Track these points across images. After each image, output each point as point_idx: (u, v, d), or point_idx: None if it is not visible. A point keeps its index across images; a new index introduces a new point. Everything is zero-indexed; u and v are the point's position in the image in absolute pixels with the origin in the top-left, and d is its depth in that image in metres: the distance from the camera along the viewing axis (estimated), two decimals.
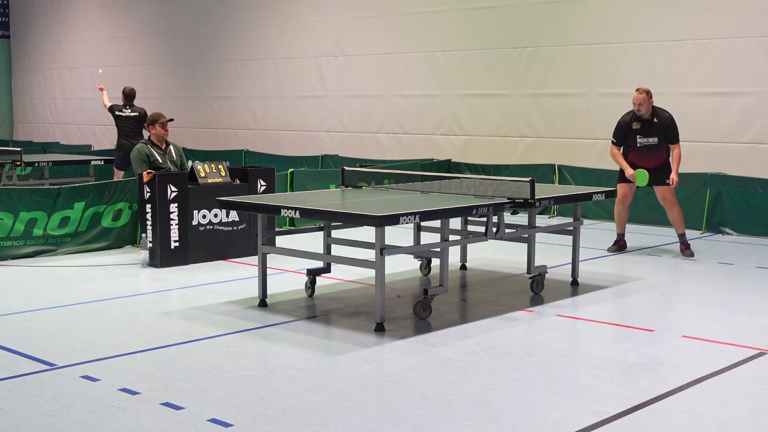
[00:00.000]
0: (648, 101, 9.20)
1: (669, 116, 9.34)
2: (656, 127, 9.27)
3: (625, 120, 9.39)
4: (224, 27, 18.20)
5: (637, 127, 9.29)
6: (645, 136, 9.28)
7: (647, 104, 9.20)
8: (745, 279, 8.21)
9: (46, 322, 6.44)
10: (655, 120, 9.27)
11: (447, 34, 14.56)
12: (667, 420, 4.49)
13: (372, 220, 5.96)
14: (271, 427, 4.34)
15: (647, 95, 9.21)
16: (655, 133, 9.27)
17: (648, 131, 9.27)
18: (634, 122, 9.31)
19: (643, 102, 9.19)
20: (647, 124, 9.27)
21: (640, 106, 9.20)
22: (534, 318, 6.67)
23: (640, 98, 9.20)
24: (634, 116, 9.31)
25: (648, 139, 9.28)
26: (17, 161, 12.22)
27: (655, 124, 9.27)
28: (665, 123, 9.26)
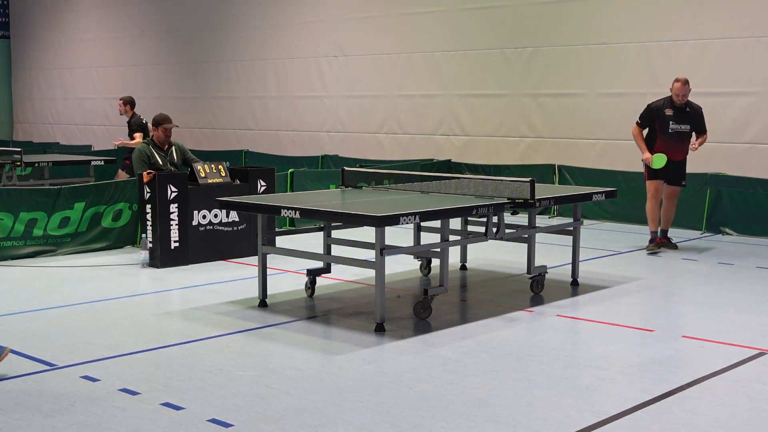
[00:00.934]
0: (686, 89, 9.43)
1: (699, 106, 9.62)
2: (689, 115, 9.50)
3: (658, 105, 9.58)
4: (224, 27, 18.20)
5: (670, 114, 9.47)
6: (678, 122, 9.49)
7: (685, 93, 9.42)
8: (745, 279, 8.21)
9: (46, 322, 6.44)
10: (687, 109, 9.49)
11: (447, 34, 14.56)
12: (667, 420, 4.49)
13: (372, 220, 5.96)
14: (271, 427, 4.34)
15: (687, 86, 9.44)
16: (688, 120, 9.50)
17: (681, 118, 9.49)
18: (666, 108, 9.49)
19: (686, 93, 9.42)
20: (680, 111, 9.48)
21: (683, 97, 9.42)
22: (534, 318, 6.68)
23: (684, 89, 9.41)
24: (667, 103, 9.50)
25: (681, 126, 9.49)
26: (17, 161, 12.21)
27: (688, 113, 9.50)
28: (698, 112, 9.57)
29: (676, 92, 9.45)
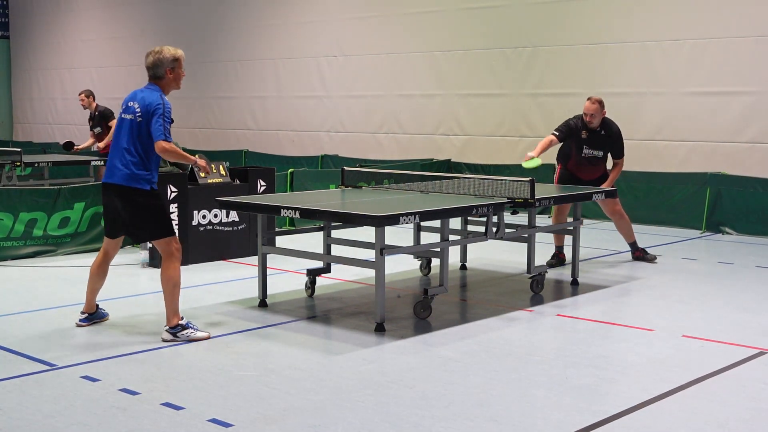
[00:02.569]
0: (600, 112, 8.74)
1: (617, 129, 8.88)
2: (604, 139, 8.83)
3: (576, 125, 8.88)
4: (224, 27, 18.20)
5: (585, 137, 8.81)
6: (591, 147, 8.82)
7: (599, 115, 8.74)
8: (745, 279, 8.21)
9: (46, 322, 6.44)
10: (603, 132, 8.82)
11: (447, 34, 14.56)
12: (667, 420, 4.49)
13: (372, 220, 5.96)
14: (272, 427, 4.34)
15: (600, 105, 8.73)
16: (602, 146, 8.82)
17: (595, 143, 8.81)
18: (583, 131, 8.83)
19: (595, 113, 8.69)
20: (595, 136, 8.80)
21: (592, 118, 8.71)
22: (534, 318, 6.68)
23: (593, 108, 8.67)
24: (585, 125, 8.83)
25: (593, 152, 8.84)
26: (17, 162, 12.21)
27: (603, 137, 8.82)
28: (613, 136, 8.82)
29: (585, 111, 8.72)
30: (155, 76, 5.98)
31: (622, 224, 9.14)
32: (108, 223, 6.21)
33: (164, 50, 5.98)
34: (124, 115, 5.92)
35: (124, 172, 5.83)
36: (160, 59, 5.94)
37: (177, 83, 6.06)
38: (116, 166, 5.88)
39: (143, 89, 6.01)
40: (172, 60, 5.97)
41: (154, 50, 5.99)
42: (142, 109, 5.83)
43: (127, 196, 5.87)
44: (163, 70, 5.96)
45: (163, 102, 5.84)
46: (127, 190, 5.86)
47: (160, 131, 5.76)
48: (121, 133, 5.93)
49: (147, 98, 5.87)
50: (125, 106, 5.96)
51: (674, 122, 12.13)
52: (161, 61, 5.94)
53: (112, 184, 5.92)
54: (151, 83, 6.00)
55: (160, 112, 5.78)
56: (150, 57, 5.97)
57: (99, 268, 6.22)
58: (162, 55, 5.94)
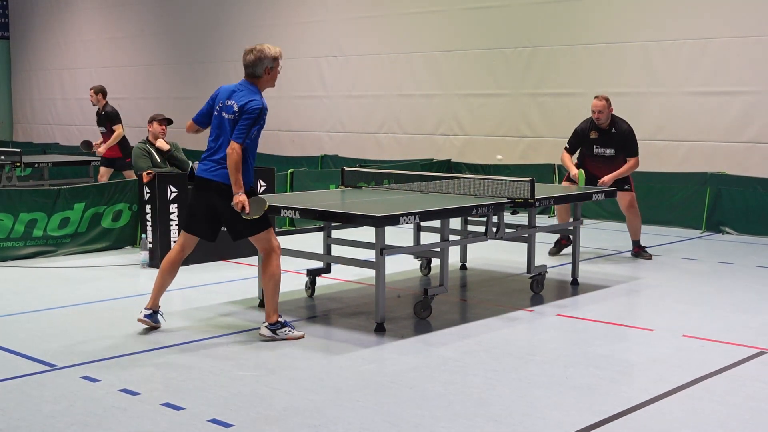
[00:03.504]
0: (607, 109, 8.81)
1: (628, 128, 8.93)
2: (614, 138, 8.88)
3: (584, 128, 8.98)
4: (224, 27, 18.20)
5: (595, 137, 8.90)
6: (602, 146, 8.91)
7: (607, 112, 8.81)
8: (745, 278, 8.21)
9: (46, 322, 6.44)
10: (613, 130, 8.88)
11: (447, 34, 14.56)
12: (667, 420, 4.49)
13: (372, 220, 5.96)
14: (272, 427, 4.34)
15: (606, 103, 8.80)
16: (613, 144, 8.89)
17: (605, 142, 8.89)
18: (592, 131, 8.92)
19: (602, 110, 8.78)
20: (605, 135, 8.88)
21: (600, 114, 8.79)
22: (534, 318, 6.68)
23: (600, 105, 8.79)
24: (593, 125, 8.92)
25: (605, 150, 8.91)
26: (17, 162, 12.21)
27: (613, 135, 8.88)
28: (624, 135, 8.87)
29: (592, 108, 8.83)
30: (254, 75, 5.90)
31: (634, 222, 9.22)
32: (193, 219, 6.11)
33: (265, 48, 5.89)
34: (225, 114, 5.86)
35: (225, 172, 5.75)
36: (261, 58, 5.85)
37: (273, 82, 6.01)
38: (219, 163, 5.84)
39: (241, 87, 5.94)
40: (273, 59, 5.88)
41: (255, 48, 5.90)
42: (239, 107, 5.77)
43: (228, 194, 5.77)
44: (263, 69, 5.88)
45: (262, 106, 5.79)
46: (228, 188, 5.76)
47: (239, 133, 5.70)
48: (221, 131, 5.89)
49: (245, 97, 5.80)
50: (222, 104, 5.90)
51: (674, 122, 12.13)
52: (261, 60, 5.86)
53: (213, 182, 5.86)
54: (248, 81, 5.93)
55: (255, 117, 5.73)
56: (250, 55, 5.88)
57: (173, 265, 6.14)
58: (263, 54, 5.85)
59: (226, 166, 5.74)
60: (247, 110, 5.73)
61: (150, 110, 14.96)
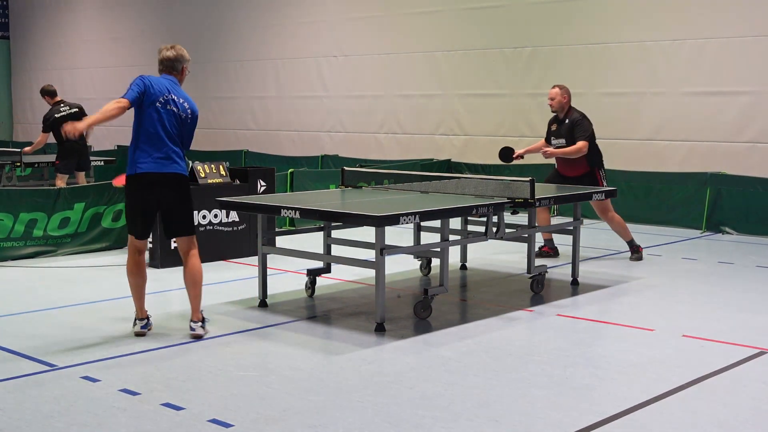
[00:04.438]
0: (560, 96, 8.82)
1: (579, 117, 8.83)
2: (565, 128, 8.86)
3: (550, 119, 9.08)
4: (224, 27, 18.20)
5: (554, 129, 8.96)
6: (556, 137, 8.94)
7: (559, 99, 8.82)
8: (745, 278, 8.21)
9: (46, 322, 6.44)
10: (566, 121, 8.87)
11: (447, 34, 14.56)
12: (667, 420, 4.49)
13: (372, 220, 5.96)
14: (272, 427, 4.34)
15: (561, 91, 8.84)
16: (563, 134, 8.87)
17: (558, 132, 8.91)
18: (553, 123, 9.00)
19: (554, 96, 8.83)
20: (560, 125, 8.90)
21: (551, 102, 8.85)
22: (534, 318, 6.67)
23: (552, 93, 8.86)
24: (556, 117, 8.97)
25: (558, 140, 8.91)
26: (17, 162, 12.20)
27: (566, 125, 8.86)
28: (573, 123, 8.79)
29: (548, 98, 8.88)
30: (174, 70, 6.05)
31: (613, 227, 9.11)
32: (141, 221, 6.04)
33: (183, 48, 6.11)
34: (173, 108, 5.91)
35: (180, 164, 5.94)
36: (182, 55, 6.05)
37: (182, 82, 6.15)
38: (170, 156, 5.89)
39: (173, 83, 6.01)
40: (187, 60, 6.11)
41: (174, 46, 6.08)
42: (192, 112, 6.00)
43: (187, 186, 6.04)
44: (181, 66, 6.06)
45: None
46: (187, 180, 6.02)
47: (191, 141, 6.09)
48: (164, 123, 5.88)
49: (192, 104, 6.04)
50: (165, 98, 5.89)
51: (674, 122, 12.13)
52: (182, 56, 6.05)
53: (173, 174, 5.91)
54: (172, 76, 6.05)
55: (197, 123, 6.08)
56: (170, 51, 6.03)
57: (139, 268, 6.13)
58: (183, 52, 6.07)
59: (181, 160, 5.96)
60: (196, 116, 6.05)
61: None
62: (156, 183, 5.90)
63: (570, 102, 8.96)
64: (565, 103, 8.89)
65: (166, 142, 5.89)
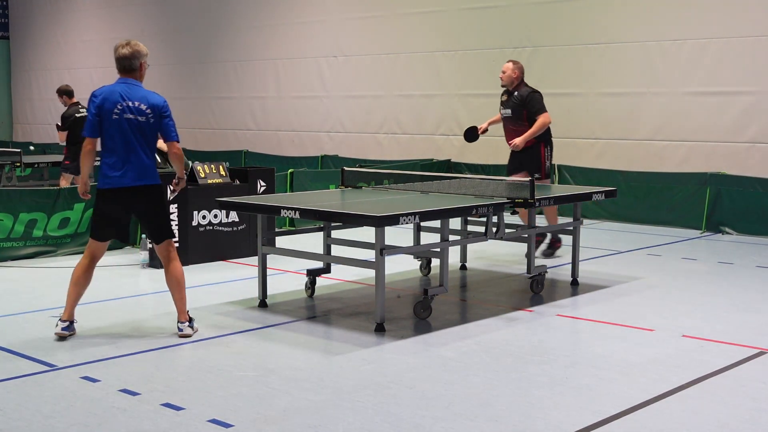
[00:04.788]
0: (510, 71, 9.07)
1: (529, 92, 9.07)
2: (513, 99, 9.10)
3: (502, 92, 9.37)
4: (224, 27, 18.20)
5: (504, 99, 9.25)
6: (504, 107, 9.23)
7: (509, 74, 9.07)
8: (745, 278, 8.21)
9: (46, 323, 6.43)
10: (515, 93, 9.10)
11: (447, 34, 14.56)
12: (667, 420, 4.49)
13: (372, 220, 5.96)
14: (272, 427, 4.34)
15: (514, 66, 9.10)
16: (510, 105, 9.10)
17: (506, 103, 9.19)
18: (503, 94, 9.29)
19: (505, 70, 9.11)
20: (509, 97, 9.17)
21: (502, 74, 9.14)
22: (534, 318, 6.67)
23: (505, 66, 9.15)
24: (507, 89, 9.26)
25: (505, 110, 9.19)
26: (17, 162, 12.21)
27: (514, 97, 9.09)
28: (522, 96, 9.02)
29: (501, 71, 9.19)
30: (131, 68, 5.84)
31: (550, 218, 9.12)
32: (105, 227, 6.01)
33: (139, 43, 5.91)
34: (130, 116, 5.76)
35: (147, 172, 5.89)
36: (138, 50, 5.85)
37: (143, 78, 5.96)
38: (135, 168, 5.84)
39: (129, 85, 5.84)
40: (145, 55, 5.91)
41: (129, 42, 5.87)
42: (153, 110, 5.80)
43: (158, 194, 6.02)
44: (139, 62, 5.86)
45: (165, 101, 5.91)
46: (158, 188, 6.00)
47: (173, 131, 5.89)
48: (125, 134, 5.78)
49: (150, 98, 5.82)
50: (121, 107, 5.76)
51: (674, 122, 12.13)
52: (139, 53, 5.85)
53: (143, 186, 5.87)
54: (128, 78, 5.86)
55: (169, 112, 5.86)
56: (125, 48, 5.83)
57: (87, 273, 6.04)
58: (139, 48, 5.86)
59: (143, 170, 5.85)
60: (162, 108, 5.83)
61: None
62: (123, 197, 5.89)
63: (522, 78, 9.19)
64: (515, 78, 9.12)
65: (128, 154, 5.80)
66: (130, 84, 5.87)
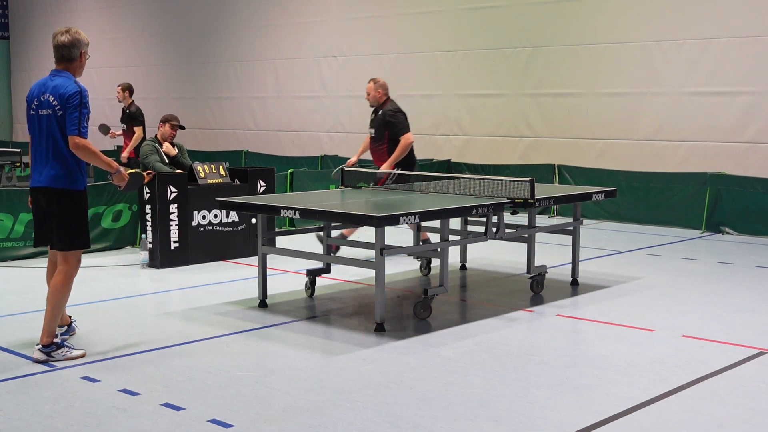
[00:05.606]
0: (374, 92, 8.87)
1: (392, 111, 8.80)
2: (377, 119, 8.92)
3: None
4: (224, 27, 18.20)
5: (372, 118, 9.07)
6: (371, 126, 9.04)
7: (374, 94, 8.87)
8: (745, 278, 8.21)
9: None
10: (379, 112, 8.92)
11: (447, 34, 14.56)
12: (667, 419, 4.49)
13: (372, 220, 5.96)
14: (272, 427, 4.34)
15: (374, 85, 8.90)
16: (374, 124, 8.92)
17: (372, 122, 9.03)
18: (372, 113, 9.09)
19: (369, 91, 8.94)
20: (375, 116, 9.00)
21: (368, 96, 9.00)
22: (534, 318, 6.67)
23: (367, 88, 8.98)
24: None
25: (371, 130, 9.02)
26: (17, 162, 12.21)
27: (378, 117, 8.92)
28: (384, 115, 8.78)
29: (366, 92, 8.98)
30: (69, 58, 5.43)
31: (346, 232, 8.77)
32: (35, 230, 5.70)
33: (80, 31, 5.50)
34: (41, 111, 5.35)
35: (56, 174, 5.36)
36: (78, 39, 5.43)
37: (82, 70, 5.58)
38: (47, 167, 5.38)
39: (51, 77, 5.43)
40: (87, 43, 5.50)
41: (68, 29, 5.46)
42: (58, 100, 5.29)
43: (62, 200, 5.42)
44: (78, 52, 5.47)
45: (80, 90, 5.33)
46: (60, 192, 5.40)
47: (75, 125, 5.24)
48: (36, 131, 5.41)
49: (61, 87, 5.31)
50: (38, 101, 5.40)
51: (674, 122, 12.13)
52: (79, 41, 5.44)
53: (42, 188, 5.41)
54: (60, 70, 5.44)
55: (77, 103, 5.25)
56: (64, 36, 5.41)
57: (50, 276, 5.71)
58: (80, 36, 5.46)
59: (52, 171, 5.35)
60: (68, 96, 5.26)
61: (150, 110, 14.94)
62: (38, 196, 5.50)
63: (387, 96, 8.97)
64: (380, 97, 8.94)
65: (41, 153, 5.39)
66: (58, 76, 5.43)
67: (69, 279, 5.46)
